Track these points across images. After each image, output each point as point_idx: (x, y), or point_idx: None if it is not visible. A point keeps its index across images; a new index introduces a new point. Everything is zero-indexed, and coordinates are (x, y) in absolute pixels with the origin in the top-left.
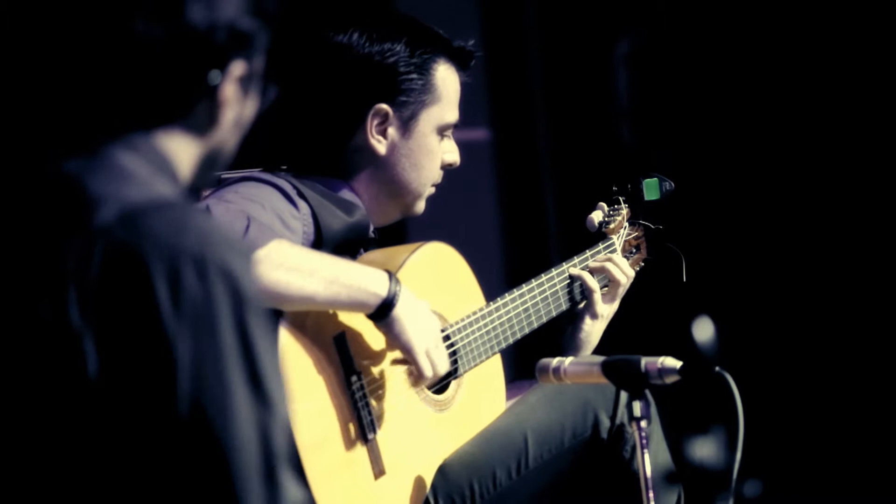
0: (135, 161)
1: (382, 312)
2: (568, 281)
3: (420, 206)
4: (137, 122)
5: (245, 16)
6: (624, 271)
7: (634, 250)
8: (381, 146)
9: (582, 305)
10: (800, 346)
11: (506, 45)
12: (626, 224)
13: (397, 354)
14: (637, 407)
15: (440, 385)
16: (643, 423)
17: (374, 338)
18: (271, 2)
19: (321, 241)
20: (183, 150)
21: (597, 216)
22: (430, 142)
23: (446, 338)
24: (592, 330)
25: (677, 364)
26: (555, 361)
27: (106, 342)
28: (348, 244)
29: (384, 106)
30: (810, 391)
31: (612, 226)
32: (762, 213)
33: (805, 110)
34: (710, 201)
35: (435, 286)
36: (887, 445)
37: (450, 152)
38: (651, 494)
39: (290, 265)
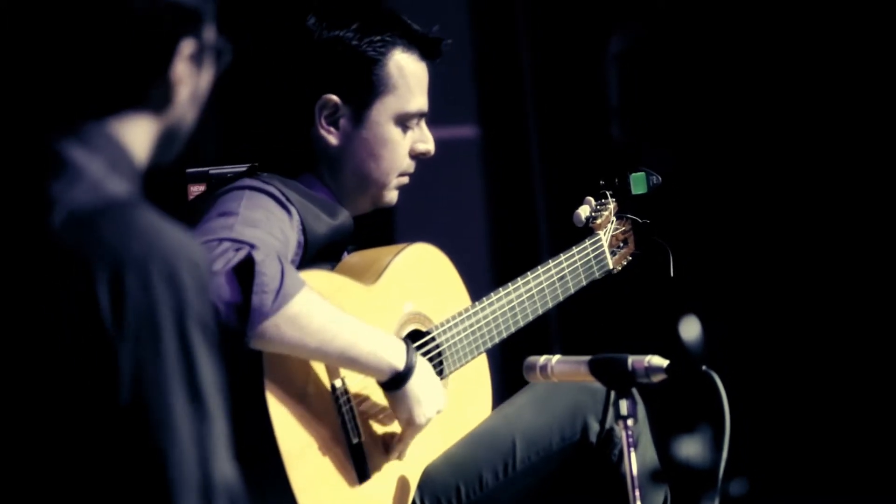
0: (88, 157)
1: (395, 384)
2: (553, 279)
3: (389, 197)
4: (89, 115)
5: None
6: None
7: (622, 244)
8: (332, 137)
9: None
10: (787, 344)
11: (495, 40)
12: (614, 218)
13: None
14: (624, 405)
15: None
16: (630, 422)
17: None
18: None
19: (307, 246)
20: (140, 134)
21: (584, 211)
22: (386, 131)
23: (431, 339)
24: None
25: (664, 363)
26: (542, 359)
27: (51, 348)
28: (332, 246)
29: (332, 97)
30: (797, 389)
31: (598, 221)
32: (751, 209)
33: (795, 105)
34: (699, 195)
35: (420, 287)
36: (875, 444)
37: (421, 141)
38: (638, 493)
39: (315, 326)
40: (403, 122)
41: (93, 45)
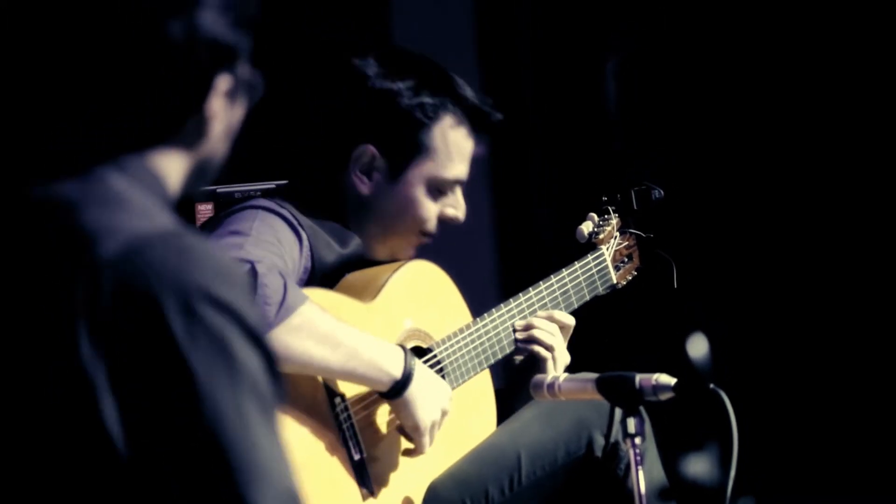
0: (127, 185)
1: (395, 392)
2: (556, 293)
3: (407, 254)
4: (128, 145)
5: (226, 28)
6: (552, 332)
7: (626, 259)
8: (363, 186)
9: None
10: (794, 361)
11: (500, 55)
12: (617, 234)
13: None
14: (631, 423)
15: None
16: (637, 440)
17: None
18: (250, 8)
19: (314, 272)
20: (173, 166)
21: (586, 227)
22: (415, 193)
23: (433, 356)
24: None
25: (672, 381)
26: (549, 378)
27: (120, 376)
28: (338, 272)
29: (371, 148)
30: (805, 408)
31: (601, 236)
32: (755, 220)
33: (796, 114)
34: (703, 208)
35: (419, 303)
36: (883, 465)
37: (451, 207)
38: None
39: (319, 336)
40: (438, 187)
41: (131, 78)
